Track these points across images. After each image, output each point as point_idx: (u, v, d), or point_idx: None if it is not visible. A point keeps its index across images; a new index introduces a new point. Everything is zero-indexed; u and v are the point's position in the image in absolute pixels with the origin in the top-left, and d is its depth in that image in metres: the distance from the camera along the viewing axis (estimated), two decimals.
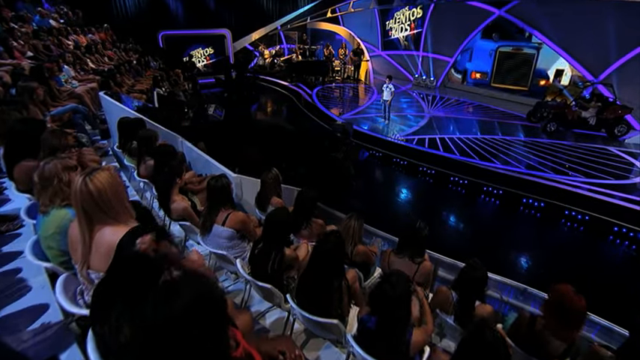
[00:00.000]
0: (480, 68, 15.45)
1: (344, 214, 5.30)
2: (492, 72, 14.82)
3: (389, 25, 17.35)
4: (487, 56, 14.88)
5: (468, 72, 15.79)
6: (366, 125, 10.69)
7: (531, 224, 6.61)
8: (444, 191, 7.72)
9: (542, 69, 13.48)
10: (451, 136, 9.78)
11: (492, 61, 14.67)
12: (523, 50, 13.73)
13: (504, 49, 14.22)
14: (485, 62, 15.07)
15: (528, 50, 13.58)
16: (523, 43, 13.84)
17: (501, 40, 14.28)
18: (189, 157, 5.42)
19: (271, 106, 14.22)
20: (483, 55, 15.01)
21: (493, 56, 14.59)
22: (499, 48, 14.32)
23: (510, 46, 14.06)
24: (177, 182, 3.07)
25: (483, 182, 7.52)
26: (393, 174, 8.51)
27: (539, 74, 13.57)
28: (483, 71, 15.29)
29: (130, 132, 4.07)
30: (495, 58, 14.52)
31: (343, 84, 16.87)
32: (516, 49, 13.92)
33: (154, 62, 11.47)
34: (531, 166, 7.99)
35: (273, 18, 18.31)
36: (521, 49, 13.78)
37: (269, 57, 17.56)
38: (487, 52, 14.81)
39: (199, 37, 15.99)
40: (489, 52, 14.72)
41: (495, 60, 14.57)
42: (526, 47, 13.66)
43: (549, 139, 9.69)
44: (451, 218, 6.85)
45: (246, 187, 4.52)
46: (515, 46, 13.93)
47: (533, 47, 13.44)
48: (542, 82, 13.50)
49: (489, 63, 14.85)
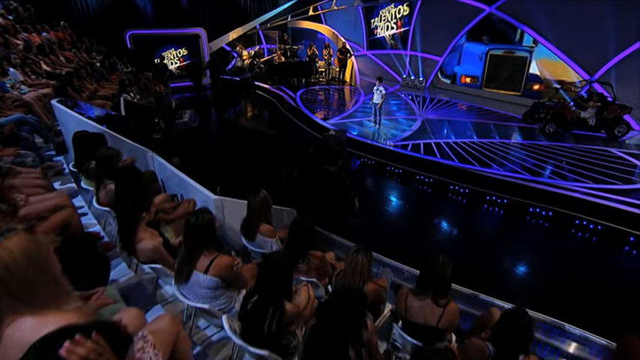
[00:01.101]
0: (469, 72, 15.35)
1: (343, 238, 4.91)
2: (483, 76, 14.72)
3: (374, 23, 17.16)
4: (477, 60, 14.80)
5: (457, 76, 15.74)
6: (355, 130, 10.32)
7: (541, 236, 6.35)
8: (445, 201, 7.42)
9: (535, 73, 13.42)
10: (447, 141, 9.52)
11: (483, 64, 14.57)
12: (515, 53, 13.65)
13: (495, 53, 14.13)
14: (475, 66, 14.97)
15: (521, 53, 13.50)
16: (515, 46, 13.78)
17: (492, 43, 14.21)
18: (162, 174, 4.87)
19: (253, 111, 13.71)
20: (473, 58, 14.92)
21: (484, 60, 14.50)
22: (490, 51, 14.24)
23: (502, 49, 13.97)
24: (143, 217, 2.54)
25: (486, 191, 7.26)
26: (389, 184, 8.15)
27: (533, 79, 13.49)
28: (473, 75, 15.21)
29: (87, 150, 3.52)
30: (486, 61, 14.42)
31: (328, 86, 16.56)
32: (508, 53, 13.82)
33: (121, 65, 10.77)
34: (534, 171, 7.77)
35: (252, 16, 17.82)
36: (513, 52, 13.70)
37: (248, 58, 17.06)
38: (477, 55, 14.75)
39: (171, 36, 15.32)
40: (479, 56, 14.65)
41: (486, 64, 14.47)
42: (518, 50, 13.58)
43: (549, 142, 9.57)
44: (454, 232, 6.51)
45: (230, 210, 4.01)
46: (507, 50, 13.83)
47: (525, 50, 13.37)
48: (536, 86, 13.45)
49: (479, 67, 14.76)
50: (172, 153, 4.90)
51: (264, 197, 3.46)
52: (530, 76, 13.46)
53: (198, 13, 16.17)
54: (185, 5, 15.79)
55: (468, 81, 15.43)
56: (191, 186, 4.18)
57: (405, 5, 15.62)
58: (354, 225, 5.74)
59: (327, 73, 17.42)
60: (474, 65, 14.99)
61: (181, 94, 14.09)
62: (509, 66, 13.82)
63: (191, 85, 14.19)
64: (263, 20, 17.87)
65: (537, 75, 13.27)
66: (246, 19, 17.53)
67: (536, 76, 13.37)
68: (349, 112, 12.30)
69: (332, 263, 3.64)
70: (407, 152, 8.72)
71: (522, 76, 13.53)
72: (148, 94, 9.41)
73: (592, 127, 9.75)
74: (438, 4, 14.45)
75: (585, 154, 8.73)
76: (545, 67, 12.87)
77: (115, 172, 3.11)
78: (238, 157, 5.73)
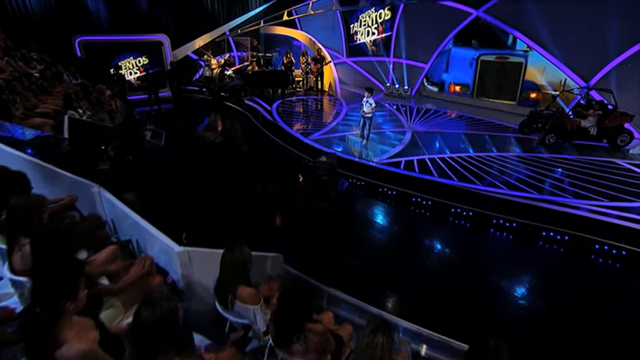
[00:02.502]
0: (459, 80, 15.19)
1: (343, 293, 4.25)
2: (474, 84, 14.53)
3: (354, 28, 17.00)
4: (467, 66, 14.63)
5: (446, 84, 15.61)
6: (340, 147, 9.80)
7: (562, 265, 5.90)
8: (446, 227, 6.93)
9: (531, 80, 13.33)
10: (442, 156, 9.12)
11: (474, 71, 14.38)
12: (509, 59, 13.55)
13: (487, 58, 14.00)
14: (465, 73, 14.80)
15: (515, 59, 13.40)
16: (508, 50, 13.73)
17: (482, 48, 14.10)
18: (112, 214, 4.10)
19: (224, 127, 12.97)
20: (462, 64, 14.75)
21: (474, 66, 14.32)
22: (481, 57, 14.10)
23: (494, 55, 13.85)
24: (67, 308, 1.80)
25: (492, 214, 6.83)
26: (382, 209, 7.61)
27: (529, 86, 13.38)
28: (463, 83, 15.05)
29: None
30: (477, 68, 14.25)
31: (306, 96, 16.11)
32: (501, 58, 13.71)
33: (68, 75, 9.85)
34: (540, 188, 7.42)
35: (220, 22, 17.38)
36: (507, 57, 13.59)
37: (217, 67, 16.38)
38: (466, 61, 14.61)
39: (130, 43, 14.51)
40: (469, 62, 14.50)
41: (477, 70, 14.28)
42: (512, 55, 13.50)
43: (550, 154, 9.35)
44: (461, 264, 5.97)
45: (200, 263, 3.30)
46: (500, 55, 13.70)
47: (520, 55, 13.28)
48: (533, 94, 13.36)
49: (470, 74, 14.56)
50: (127, 185, 4.13)
51: (245, 254, 2.79)
52: (526, 84, 13.36)
53: (160, 18, 15.55)
54: (145, 9, 15.02)
55: (458, 90, 15.27)
56: (148, 232, 3.46)
57: (387, 9, 15.50)
58: (349, 267, 5.10)
59: (305, 83, 17.01)
60: (463, 72, 14.83)
61: (141, 108, 13.25)
62: (504, 72, 13.68)
63: (147, 97, 13.32)
64: (233, 26, 17.47)
65: (534, 82, 13.24)
66: (214, 25, 17.10)
67: (533, 83, 13.30)
68: (331, 125, 11.79)
69: (332, 330, 2.99)
70: (400, 171, 8.24)
71: (518, 84, 13.41)
72: (101, 111, 8.56)
73: (593, 136, 9.63)
74: (421, 8, 14.36)
75: (591, 166, 8.51)
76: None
77: (34, 228, 2.36)
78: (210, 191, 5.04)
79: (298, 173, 8.63)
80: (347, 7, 16.15)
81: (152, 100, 13.36)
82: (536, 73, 12.88)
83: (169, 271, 3.45)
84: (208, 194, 6.89)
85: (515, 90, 13.44)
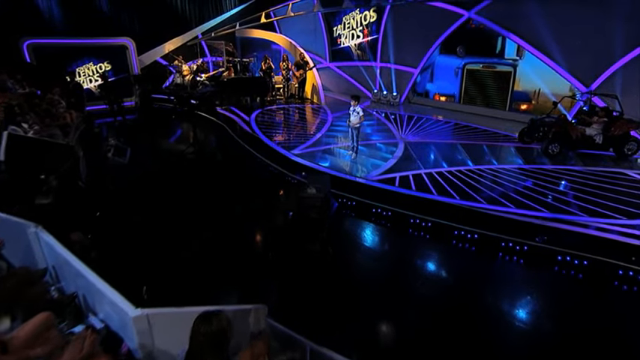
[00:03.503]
0: (444, 90, 15.19)
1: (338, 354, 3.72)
2: (461, 94, 14.55)
3: (337, 31, 16.82)
4: (452, 75, 14.62)
5: (430, 94, 15.63)
6: (327, 161, 9.36)
7: (583, 295, 5.52)
8: (450, 250, 6.50)
9: (522, 90, 13.31)
10: (439, 170, 8.78)
11: (460, 81, 14.37)
12: (497, 68, 13.56)
13: (473, 67, 13.98)
14: (450, 82, 14.78)
15: (503, 68, 13.39)
16: (496, 59, 13.69)
17: (468, 56, 14.05)
18: (53, 260, 3.49)
19: (196, 141, 12.28)
20: (447, 74, 14.74)
21: (460, 75, 14.31)
22: (466, 65, 14.07)
23: (480, 64, 13.83)
24: None
25: (500, 236, 6.45)
26: (377, 232, 7.14)
27: (520, 96, 13.36)
28: (449, 94, 15.06)
29: None
30: (463, 77, 14.24)
31: (288, 105, 15.71)
32: (488, 67, 13.68)
33: (14, 83, 9.11)
34: (548, 204, 7.12)
35: (192, 24, 17.02)
36: (494, 66, 13.59)
37: (189, 73, 15.78)
38: (452, 70, 14.59)
39: (89, 48, 13.83)
40: (455, 71, 14.50)
41: (463, 80, 14.26)
42: (500, 64, 13.48)
43: (554, 165, 9.14)
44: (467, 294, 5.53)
45: (164, 328, 2.72)
46: (487, 64, 13.69)
47: (508, 64, 13.26)
48: (524, 105, 13.35)
49: (456, 83, 14.56)
50: (74, 223, 3.52)
51: (223, 324, 2.25)
52: (516, 94, 13.32)
53: (124, 20, 14.99)
54: (107, 10, 14.36)
55: (444, 100, 15.26)
56: (96, 288, 2.86)
57: (372, 11, 15.34)
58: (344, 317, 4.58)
59: (286, 90, 16.64)
60: (449, 82, 14.83)
61: (102, 120, 12.56)
62: (491, 82, 13.64)
63: (109, 108, 12.66)
64: (206, 29, 17.24)
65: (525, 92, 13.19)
66: (185, 28, 16.81)
67: (524, 94, 13.27)
68: (316, 136, 11.33)
69: None
70: (395, 189, 7.84)
71: (507, 94, 13.38)
72: (53, 125, 7.85)
73: (599, 145, 9.51)
74: (409, 9, 14.18)
75: (600, 178, 8.31)
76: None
77: None
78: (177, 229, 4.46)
79: (283, 201, 8.04)
80: (330, 9, 15.91)
81: (115, 111, 12.69)
82: (533, 79, 12.82)
83: (124, 338, 2.86)
84: (177, 229, 6.28)
85: (505, 101, 13.44)
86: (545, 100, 12.41)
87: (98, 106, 13.35)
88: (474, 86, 14.06)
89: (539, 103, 10.91)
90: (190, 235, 6.38)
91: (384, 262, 6.33)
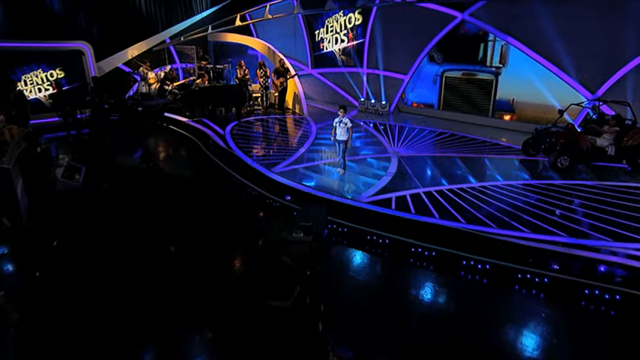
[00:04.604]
0: (422, 99, 15.08)
1: None
2: (439, 104, 14.49)
3: (319, 35, 16.62)
4: (430, 83, 14.57)
5: (408, 103, 15.49)
6: (313, 181, 8.74)
7: (616, 335, 4.97)
8: (458, 284, 5.94)
9: (504, 100, 13.20)
10: (439, 189, 8.24)
11: (438, 89, 14.33)
12: (477, 76, 13.45)
13: (452, 75, 13.90)
14: (429, 90, 14.71)
15: (484, 75, 13.28)
16: (478, 66, 13.51)
17: (447, 63, 13.95)
18: None
19: (164, 160, 11.58)
20: (425, 81, 14.65)
21: (438, 83, 14.27)
22: (445, 73, 14.00)
23: (460, 71, 13.72)
24: None
25: (515, 266, 5.93)
26: (374, 265, 6.54)
27: (503, 106, 13.25)
28: (427, 103, 14.96)
29: None
30: (442, 85, 14.17)
31: (267, 115, 15.16)
32: (468, 75, 13.57)
33: None
34: (565, 225, 6.63)
35: (159, 28, 16.56)
36: (475, 74, 13.47)
37: (155, 82, 15.16)
38: (429, 77, 14.53)
39: (38, 52, 13.13)
40: (433, 78, 14.45)
41: (442, 88, 14.21)
42: (481, 72, 13.36)
43: (564, 180, 8.74)
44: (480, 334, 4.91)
45: None
46: (467, 71, 13.58)
47: (490, 72, 13.15)
48: (507, 116, 13.27)
49: (434, 92, 14.50)
50: None
51: None
52: (498, 103, 13.23)
53: (79, 22, 14.36)
54: (59, 11, 13.65)
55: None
56: None
57: (357, 13, 15.12)
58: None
59: (265, 100, 16.18)
60: (427, 90, 14.75)
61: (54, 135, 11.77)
62: (471, 91, 13.59)
63: (62, 120, 11.92)
64: (175, 33, 16.81)
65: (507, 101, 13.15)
66: (151, 31, 16.31)
67: (506, 104, 13.20)
68: (300, 151, 10.72)
69: None
70: (392, 212, 7.24)
71: (489, 104, 13.32)
72: None
73: (611, 156, 9.22)
74: (398, 11, 13.96)
75: (618, 195, 7.90)
76: None
77: None
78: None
79: (257, 243, 7.31)
80: (311, 11, 15.47)
81: (68, 124, 11.90)
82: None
83: None
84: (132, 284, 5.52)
85: (487, 110, 13.42)
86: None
87: (49, 119, 12.61)
88: (454, 95, 14.10)
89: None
90: (130, 285, 5.60)
91: (383, 298, 5.65)
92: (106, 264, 6.05)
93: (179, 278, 5.78)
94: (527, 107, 12.68)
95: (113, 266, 5.98)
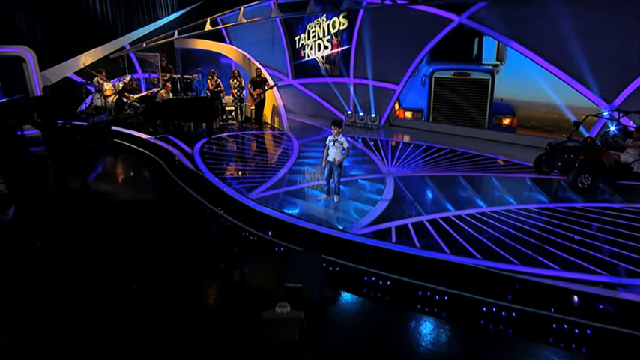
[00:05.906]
0: (410, 104, 14.93)
1: None
2: (429, 108, 14.30)
3: (300, 41, 16.54)
4: (419, 86, 14.41)
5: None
6: (297, 208, 8.00)
7: None
8: (476, 333, 5.25)
9: (502, 102, 12.98)
10: (445, 215, 7.59)
11: (427, 92, 14.15)
12: (471, 75, 13.28)
13: (442, 75, 13.72)
14: (418, 94, 14.58)
15: (479, 75, 13.08)
16: (470, 65, 13.37)
17: (436, 62, 13.78)
18: None
19: (120, 184, 10.91)
20: (413, 84, 14.52)
21: (427, 85, 14.08)
22: (434, 73, 13.83)
23: (451, 70, 13.54)
24: None
25: (544, 313, 5.25)
26: (374, 314, 5.75)
27: (500, 109, 13.02)
28: (416, 108, 14.80)
29: None
30: (431, 87, 13.98)
31: (242, 132, 14.66)
32: (460, 75, 13.36)
33: None
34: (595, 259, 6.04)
35: (118, 32, 16.27)
36: (468, 73, 13.29)
37: (112, 93, 14.51)
38: (418, 80, 14.40)
39: None
40: (421, 80, 14.30)
41: (431, 91, 14.02)
42: (475, 71, 13.19)
43: (585, 202, 8.25)
44: None
45: None
46: (459, 70, 13.37)
47: (485, 70, 12.95)
48: (506, 120, 13.01)
49: (423, 95, 14.31)
50: None
51: None
52: (496, 106, 13.02)
53: (20, 25, 13.80)
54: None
55: (409, 116, 14.99)
56: None
57: (342, 17, 15.07)
58: None
59: (240, 113, 15.77)
60: (415, 93, 14.65)
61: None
62: (465, 93, 13.42)
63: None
64: (136, 38, 16.61)
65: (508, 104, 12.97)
66: (109, 37, 16.08)
67: (506, 106, 12.99)
68: (280, 173, 10.00)
69: None
70: (392, 246, 6.53)
71: (485, 107, 13.11)
72: None
73: (635, 174, 8.94)
74: (387, 14, 13.80)
75: None
76: None
77: None
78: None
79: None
80: (290, 14, 15.26)
81: None
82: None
83: None
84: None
85: (483, 114, 13.26)
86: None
87: None
88: (445, 97, 14.00)
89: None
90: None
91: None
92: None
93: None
94: (528, 108, 12.48)
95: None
